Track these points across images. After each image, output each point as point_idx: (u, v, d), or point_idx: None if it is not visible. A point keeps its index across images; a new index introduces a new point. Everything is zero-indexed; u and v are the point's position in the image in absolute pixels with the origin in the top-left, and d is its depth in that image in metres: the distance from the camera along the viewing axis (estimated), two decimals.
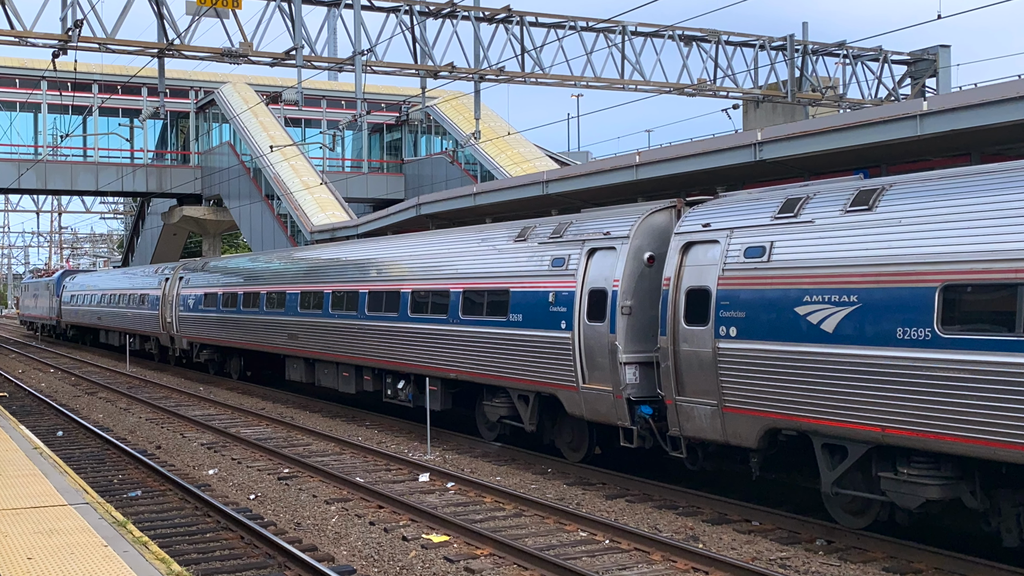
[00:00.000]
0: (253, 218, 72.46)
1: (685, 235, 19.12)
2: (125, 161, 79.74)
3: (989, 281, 13.79)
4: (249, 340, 41.27)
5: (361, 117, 49.87)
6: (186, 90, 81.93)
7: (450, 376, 26.45)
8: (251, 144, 70.69)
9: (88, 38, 42.65)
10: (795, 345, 16.43)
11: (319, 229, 58.44)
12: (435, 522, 18.50)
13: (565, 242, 22.70)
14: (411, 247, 29.80)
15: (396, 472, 23.85)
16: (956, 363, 14.06)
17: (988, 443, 13.71)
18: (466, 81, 51.23)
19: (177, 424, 32.88)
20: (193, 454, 26.91)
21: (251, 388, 42.97)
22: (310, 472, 23.79)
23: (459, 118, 74.95)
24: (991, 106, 21.41)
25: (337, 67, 49.09)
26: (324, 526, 18.73)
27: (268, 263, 41.28)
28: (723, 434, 18.00)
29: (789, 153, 26.25)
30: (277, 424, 32.12)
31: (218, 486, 22.70)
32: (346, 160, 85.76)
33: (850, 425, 15.60)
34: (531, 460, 24.59)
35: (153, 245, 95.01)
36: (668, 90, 54.95)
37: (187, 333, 49.74)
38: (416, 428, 29.73)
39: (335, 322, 32.88)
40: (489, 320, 24.61)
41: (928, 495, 14.93)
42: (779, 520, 18.05)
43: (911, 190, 15.52)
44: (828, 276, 16.01)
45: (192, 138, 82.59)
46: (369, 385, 31.58)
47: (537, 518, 19.05)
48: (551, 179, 35.44)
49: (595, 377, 21.31)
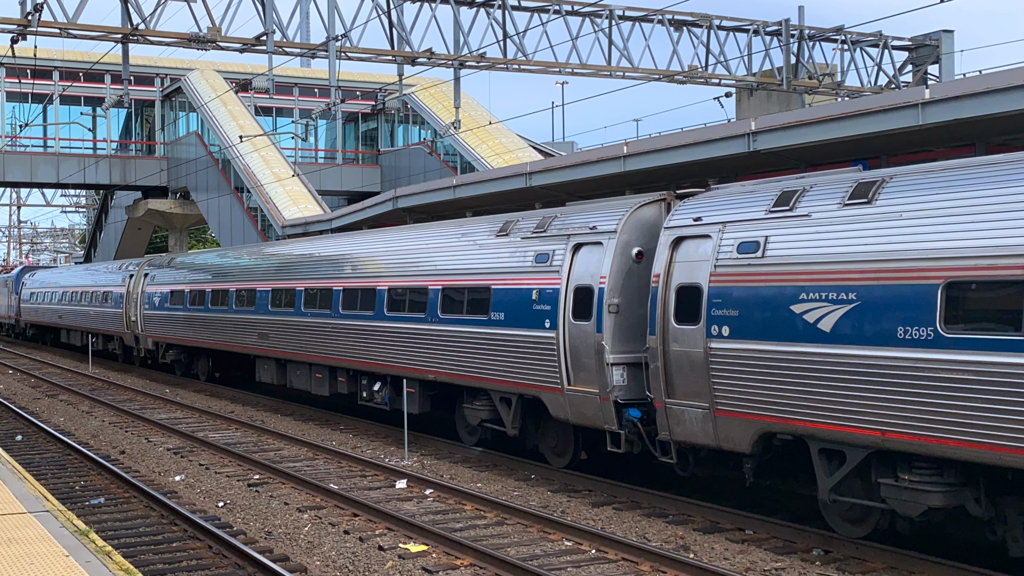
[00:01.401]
0: (222, 212, 72.34)
1: (675, 229, 19.08)
2: (87, 152, 79.60)
3: (994, 278, 13.76)
4: (218, 340, 41.18)
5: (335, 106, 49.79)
6: (151, 77, 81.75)
7: (428, 377, 26.39)
8: (220, 134, 70.56)
9: (48, 23, 42.51)
10: (791, 345, 16.40)
11: (291, 223, 58.34)
12: (413, 531, 18.45)
13: (549, 237, 22.66)
14: (387, 242, 29.74)
15: (372, 478, 23.80)
16: (960, 364, 14.03)
17: (993, 448, 13.68)
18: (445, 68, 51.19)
19: (142, 428, 32.78)
20: (159, 459, 26.82)
21: (220, 390, 42.88)
22: (282, 478, 23.74)
23: (438, 107, 74.92)
24: (997, 94, 21.41)
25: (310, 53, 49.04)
26: (296, 535, 18.67)
27: (237, 259, 41.19)
28: (715, 438, 17.97)
29: (784, 143, 26.25)
30: (247, 428, 32.05)
31: (185, 493, 22.64)
32: (319, 151, 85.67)
33: (848, 429, 15.57)
34: (514, 466, 24.55)
35: (117, 240, 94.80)
36: (657, 77, 54.97)
37: (152, 332, 49.60)
38: (393, 432, 29.67)
39: (308, 321, 32.80)
40: (469, 319, 24.56)
41: (930, 502, 14.91)
42: (774, 529, 18.03)
43: (912, 182, 15.50)
44: (825, 273, 15.98)
45: (158, 128, 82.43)
46: (343, 387, 31.53)
47: (520, 527, 19.01)
48: (534, 171, 35.39)
49: (581, 378, 21.27)
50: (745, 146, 27.17)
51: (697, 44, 56.35)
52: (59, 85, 77.16)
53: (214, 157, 73.15)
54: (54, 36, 43.43)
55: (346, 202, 78.18)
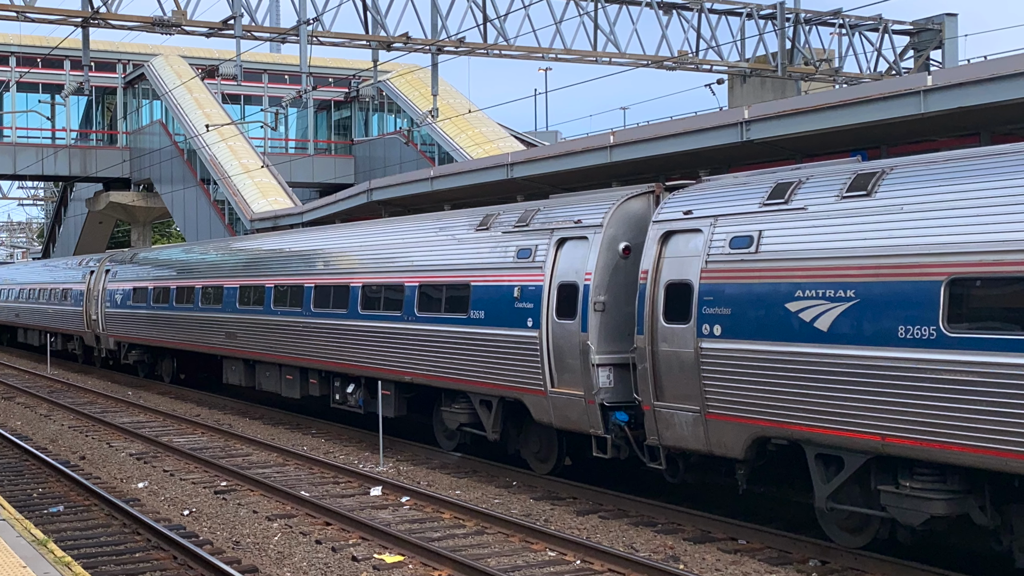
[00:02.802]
0: (187, 205, 72.23)
1: (664, 223, 19.06)
2: (46, 142, 79.40)
3: (1000, 274, 13.75)
4: (183, 339, 41.10)
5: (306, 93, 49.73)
6: (113, 63, 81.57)
7: (405, 379, 26.35)
8: (185, 123, 70.45)
9: (5, 5, 42.43)
10: (786, 345, 16.38)
11: (260, 217, 58.31)
12: (388, 540, 18.42)
13: (532, 231, 22.63)
14: (361, 237, 29.70)
15: (345, 485, 23.77)
16: (964, 365, 14.02)
17: (999, 453, 13.67)
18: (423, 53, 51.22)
19: (103, 432, 32.69)
20: (121, 465, 26.77)
21: (185, 392, 42.79)
22: (250, 485, 23.70)
23: (415, 94, 74.87)
24: (1003, 81, 21.45)
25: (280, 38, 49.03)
26: (266, 545, 18.63)
27: (204, 254, 41.12)
28: (706, 443, 17.95)
29: (779, 133, 26.31)
30: (214, 432, 31.99)
31: (148, 501, 22.58)
32: (290, 141, 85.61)
33: (847, 433, 15.56)
34: (494, 472, 24.54)
35: (77, 235, 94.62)
36: (646, 63, 55.00)
37: (114, 332, 49.50)
38: (367, 437, 29.62)
39: (278, 319, 32.75)
40: (448, 317, 24.53)
41: (933, 511, 14.90)
42: (768, 538, 18.03)
43: (914, 174, 15.48)
44: (822, 269, 15.96)
45: (120, 116, 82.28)
46: (315, 389, 31.49)
47: (501, 536, 18.99)
48: (516, 162, 35.41)
49: (565, 380, 21.24)
50: (738, 135, 27.22)
51: (687, 28, 56.44)
52: (16, 71, 76.89)
53: (179, 147, 73.04)
54: (10, 20, 43.35)
55: (318, 195, 78.14)
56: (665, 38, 55.62)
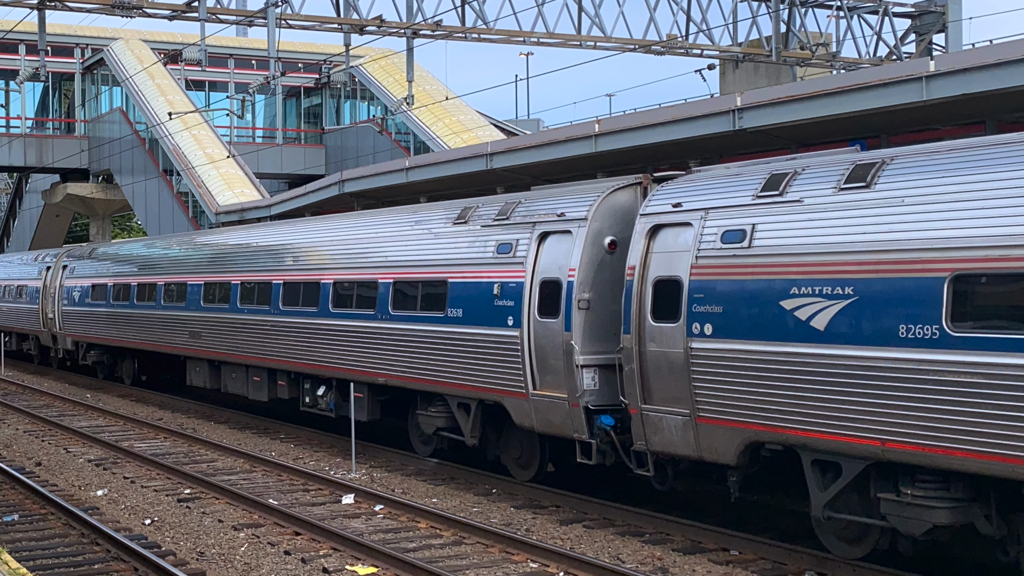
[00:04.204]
0: (149, 197, 72.09)
1: (652, 217, 19.04)
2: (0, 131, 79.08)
3: (1007, 270, 13.74)
4: (144, 339, 41.04)
5: (275, 79, 49.65)
6: (71, 48, 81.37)
7: (378, 381, 26.33)
8: (146, 111, 70.30)
9: None
10: (780, 345, 16.37)
11: (225, 210, 58.22)
12: (361, 551, 18.39)
13: (512, 225, 22.60)
14: (333, 231, 29.67)
15: (315, 493, 23.75)
16: (968, 366, 14.02)
17: (1006, 459, 13.66)
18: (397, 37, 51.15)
19: (60, 437, 32.64)
20: (79, 472, 26.72)
21: (146, 395, 42.77)
22: (215, 493, 23.66)
23: (389, 81, 74.78)
24: (1009, 66, 21.46)
25: (247, 21, 48.86)
26: (232, 556, 18.61)
27: (166, 249, 41.06)
28: (697, 449, 17.93)
29: (773, 121, 26.32)
30: (177, 437, 31.95)
31: (108, 509, 22.56)
32: (257, 129, 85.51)
33: (845, 438, 15.55)
34: (473, 479, 24.52)
35: (32, 228, 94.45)
36: (633, 48, 54.97)
37: (72, 331, 49.38)
38: (339, 442, 29.59)
39: (244, 318, 32.69)
40: (424, 316, 24.49)
41: (935, 520, 14.90)
42: (762, 549, 18.02)
43: (916, 164, 15.49)
44: (819, 265, 15.96)
45: (78, 104, 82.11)
46: (284, 391, 31.46)
47: (480, 547, 18.96)
48: (496, 151, 35.38)
49: (547, 382, 21.21)
50: (730, 124, 27.22)
51: (677, 11, 56.43)
52: None
53: (140, 136, 72.89)
54: None
55: (287, 186, 77.98)
56: (653, 21, 55.60)
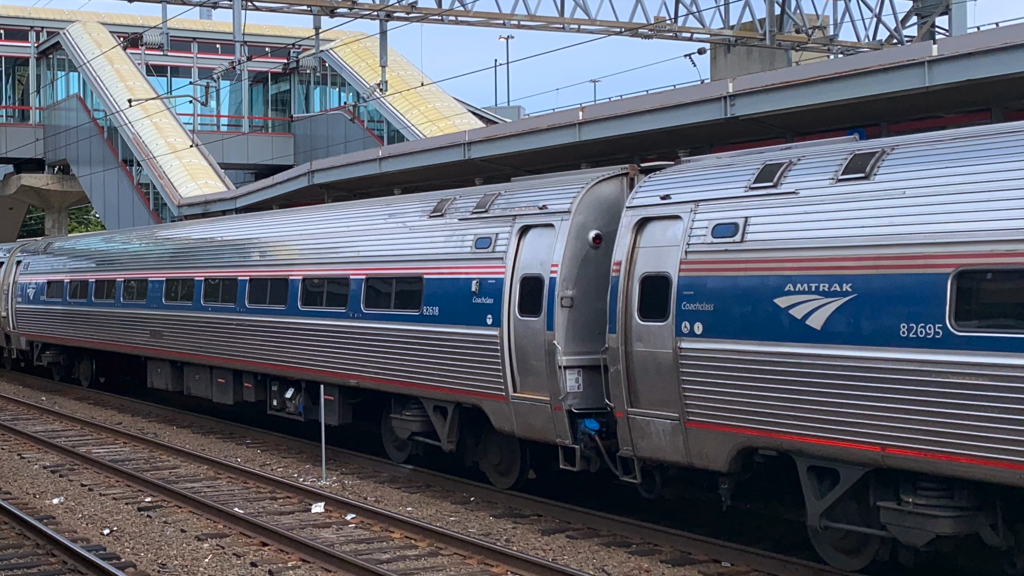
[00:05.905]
0: (107, 188, 72.01)
1: (639, 209, 19.02)
2: None
3: (1013, 265, 13.74)
4: (103, 339, 41.01)
5: (240, 64, 49.53)
6: (25, 31, 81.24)
7: (350, 383, 26.31)
8: (105, 97, 70.21)
9: None
10: (775, 345, 16.37)
11: (189, 202, 58.21)
12: (331, 563, 18.36)
13: (491, 218, 22.58)
14: (302, 225, 29.65)
15: (284, 501, 23.74)
16: (972, 367, 14.02)
17: (1013, 465, 13.66)
18: (370, 20, 51.02)
19: (13, 442, 32.58)
20: (33, 479, 26.68)
21: (105, 398, 42.74)
22: (178, 501, 23.63)
23: (361, 66, 74.81)
24: (1016, 50, 21.51)
25: (211, 2, 48.71)
26: (195, 567, 18.57)
27: (126, 244, 41.06)
28: (686, 454, 17.92)
29: (767, 108, 26.38)
30: (137, 442, 31.92)
31: (64, 518, 22.49)
32: (222, 117, 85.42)
33: (842, 443, 15.55)
34: (450, 487, 24.52)
35: None
36: (619, 31, 54.98)
37: (26, 330, 49.33)
38: (308, 447, 29.56)
39: (208, 316, 32.65)
40: (398, 314, 24.48)
41: (938, 529, 14.90)
42: (755, 560, 18.01)
43: (918, 154, 15.49)
44: (815, 260, 15.95)
45: (32, 90, 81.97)
46: (250, 394, 31.46)
47: (457, 558, 18.95)
48: (474, 140, 35.41)
49: (528, 384, 21.19)
50: (721, 111, 27.27)
51: None
52: None
53: (99, 125, 72.83)
54: None
55: (253, 177, 78.02)
56: (640, 3, 55.59)
